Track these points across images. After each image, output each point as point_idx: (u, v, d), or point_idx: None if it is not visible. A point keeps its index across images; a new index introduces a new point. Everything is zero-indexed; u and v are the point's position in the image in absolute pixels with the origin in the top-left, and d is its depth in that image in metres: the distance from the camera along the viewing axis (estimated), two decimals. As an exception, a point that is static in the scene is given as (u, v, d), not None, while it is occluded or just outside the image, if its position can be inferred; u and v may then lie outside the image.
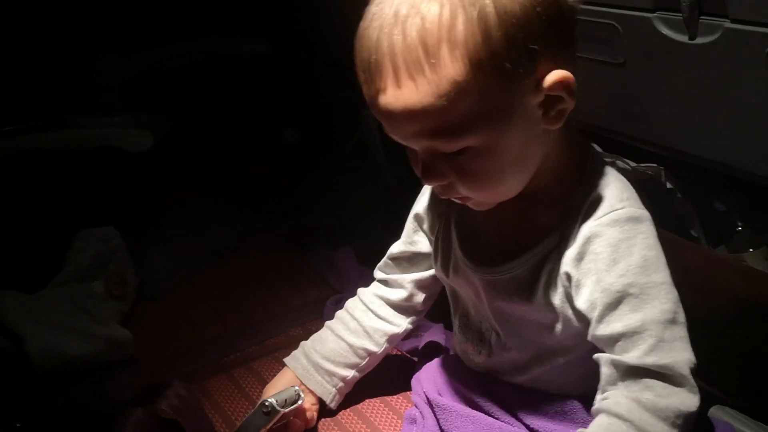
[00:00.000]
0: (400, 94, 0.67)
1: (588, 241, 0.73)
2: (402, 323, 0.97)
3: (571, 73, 0.70)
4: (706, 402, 0.86)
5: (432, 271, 0.93)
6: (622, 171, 0.99)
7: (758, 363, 0.93)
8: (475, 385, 0.87)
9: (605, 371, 0.71)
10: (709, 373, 0.99)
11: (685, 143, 0.91)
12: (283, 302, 1.27)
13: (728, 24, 0.76)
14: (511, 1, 0.65)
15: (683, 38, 0.82)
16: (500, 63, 0.65)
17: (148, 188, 1.44)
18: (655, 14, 0.84)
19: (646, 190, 0.98)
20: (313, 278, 1.33)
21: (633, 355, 0.69)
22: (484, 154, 0.70)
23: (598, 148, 0.80)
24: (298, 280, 1.33)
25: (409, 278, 0.95)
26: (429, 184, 0.75)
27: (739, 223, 0.95)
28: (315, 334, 1.00)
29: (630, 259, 0.71)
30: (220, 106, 1.69)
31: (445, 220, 0.87)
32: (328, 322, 1.00)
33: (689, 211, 0.96)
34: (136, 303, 1.28)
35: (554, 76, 0.68)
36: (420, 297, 0.96)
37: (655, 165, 0.95)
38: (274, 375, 1.06)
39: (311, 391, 0.95)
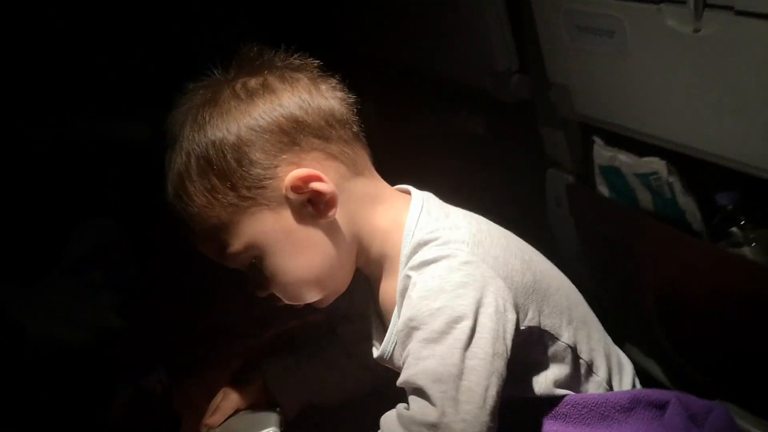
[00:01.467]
0: (187, 233, 0.78)
1: (401, 297, 0.75)
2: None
3: (325, 164, 0.76)
4: (707, 396, 0.86)
5: None
6: (623, 164, 1.00)
7: (759, 358, 0.93)
8: None
9: None
10: (711, 369, 1.00)
11: (687, 136, 0.90)
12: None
13: (733, 15, 0.76)
14: (223, 131, 0.75)
15: (688, 30, 0.81)
16: (231, 182, 0.75)
17: (147, 180, 1.43)
18: (660, 5, 0.83)
19: (648, 184, 0.99)
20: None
21: (399, 381, 0.71)
22: (269, 262, 0.77)
23: (417, 195, 0.81)
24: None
25: None
26: (258, 296, 0.81)
27: (742, 218, 0.95)
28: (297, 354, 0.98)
29: (413, 294, 0.72)
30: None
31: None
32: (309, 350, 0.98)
33: (691, 205, 0.95)
34: (135, 294, 1.27)
35: (289, 178, 0.75)
36: None
37: (657, 158, 0.95)
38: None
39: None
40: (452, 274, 0.71)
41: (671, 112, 0.91)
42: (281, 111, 0.75)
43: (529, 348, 0.77)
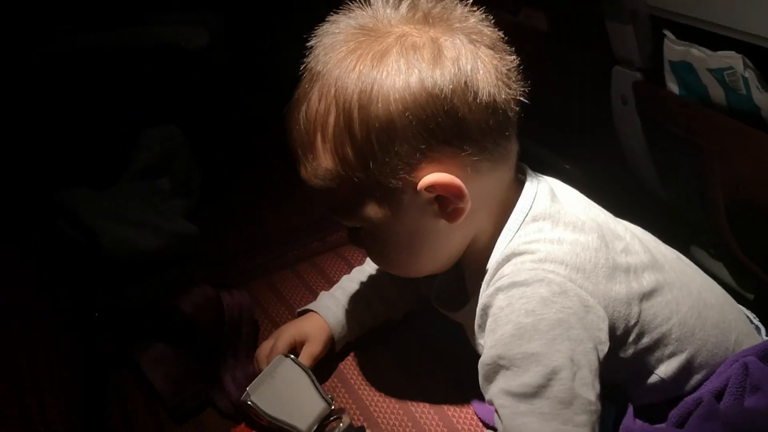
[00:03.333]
0: (300, 168, 0.73)
1: (483, 312, 0.71)
2: (403, 306, 0.94)
3: (476, 168, 0.69)
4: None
5: None
6: (696, 59, 0.95)
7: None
8: None
9: None
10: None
11: (765, 28, 0.85)
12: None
13: None
14: (377, 102, 0.66)
15: None
16: (365, 162, 0.68)
17: (208, 86, 1.43)
18: None
19: (721, 79, 0.94)
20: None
21: (498, 428, 0.67)
22: (374, 237, 0.74)
23: (540, 202, 0.74)
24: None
25: None
26: (354, 247, 0.79)
27: (821, 114, 0.90)
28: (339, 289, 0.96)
29: (504, 329, 0.66)
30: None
31: None
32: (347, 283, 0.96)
33: (767, 102, 0.91)
34: (201, 200, 1.30)
35: (428, 180, 0.68)
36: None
37: (733, 52, 0.90)
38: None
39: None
40: (546, 309, 0.66)
41: (749, 1, 0.85)
42: (444, 104, 0.66)
43: (614, 370, 0.72)
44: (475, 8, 0.72)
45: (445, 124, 0.67)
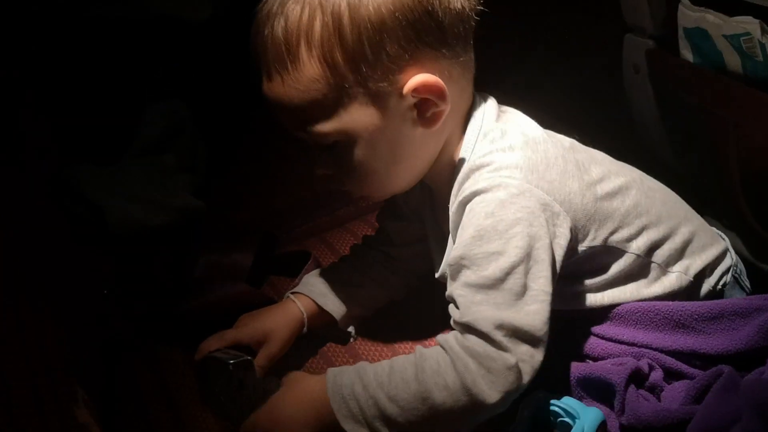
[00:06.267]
0: (272, 86, 0.72)
1: (455, 228, 0.75)
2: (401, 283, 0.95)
3: (450, 73, 0.73)
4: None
5: None
6: (711, 25, 0.93)
7: None
8: None
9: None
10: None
11: (785, -8, 0.83)
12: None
13: None
14: (367, 5, 0.68)
15: None
16: (356, 65, 0.69)
17: (212, 59, 1.41)
18: None
19: (738, 46, 0.92)
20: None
21: (454, 317, 0.71)
22: (352, 149, 0.74)
23: (491, 112, 0.78)
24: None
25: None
26: (316, 172, 0.78)
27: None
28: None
29: (467, 232, 0.71)
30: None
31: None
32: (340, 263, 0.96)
33: (785, 68, 0.89)
34: (207, 175, 1.29)
35: (415, 81, 0.71)
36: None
37: (750, 18, 0.88)
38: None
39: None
40: (504, 210, 0.70)
41: (768, -36, 0.83)
42: (428, 6, 0.70)
43: (589, 261, 0.78)
44: None
45: (428, 25, 0.70)
